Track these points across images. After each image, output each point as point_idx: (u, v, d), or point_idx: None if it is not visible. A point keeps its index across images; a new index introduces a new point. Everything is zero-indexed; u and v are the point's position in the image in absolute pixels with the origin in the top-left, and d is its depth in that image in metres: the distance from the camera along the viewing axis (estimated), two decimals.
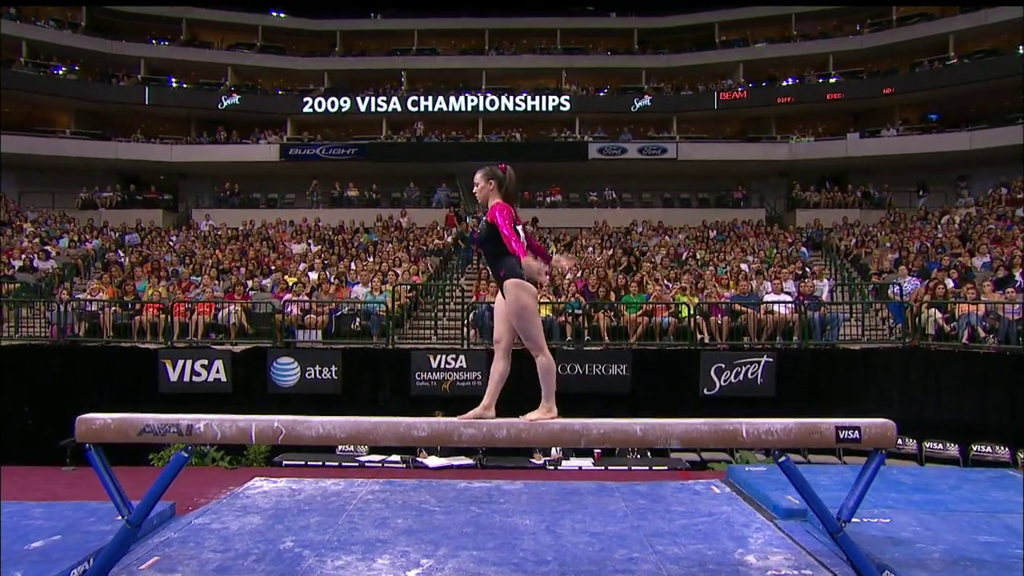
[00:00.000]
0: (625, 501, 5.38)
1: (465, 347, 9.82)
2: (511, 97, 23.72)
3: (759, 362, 9.24)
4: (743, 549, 4.31)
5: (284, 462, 7.25)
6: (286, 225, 19.42)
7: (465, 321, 10.15)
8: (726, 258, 13.71)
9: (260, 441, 3.81)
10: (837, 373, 9.42)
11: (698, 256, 14.43)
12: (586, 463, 7.20)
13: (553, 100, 23.50)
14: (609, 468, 7.10)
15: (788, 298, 10.04)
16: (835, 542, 3.74)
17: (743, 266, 12.48)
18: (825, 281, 11.48)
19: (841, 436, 3.67)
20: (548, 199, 21.71)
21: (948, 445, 8.50)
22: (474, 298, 11.10)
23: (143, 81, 24.54)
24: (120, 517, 3.76)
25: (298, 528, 4.70)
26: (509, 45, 27.14)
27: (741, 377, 9.23)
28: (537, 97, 23.64)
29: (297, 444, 3.89)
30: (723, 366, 9.28)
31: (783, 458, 3.73)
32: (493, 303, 10.48)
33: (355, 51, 27.23)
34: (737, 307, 9.87)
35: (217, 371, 9.64)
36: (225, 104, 24.27)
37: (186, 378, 9.61)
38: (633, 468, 7.12)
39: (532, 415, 3.91)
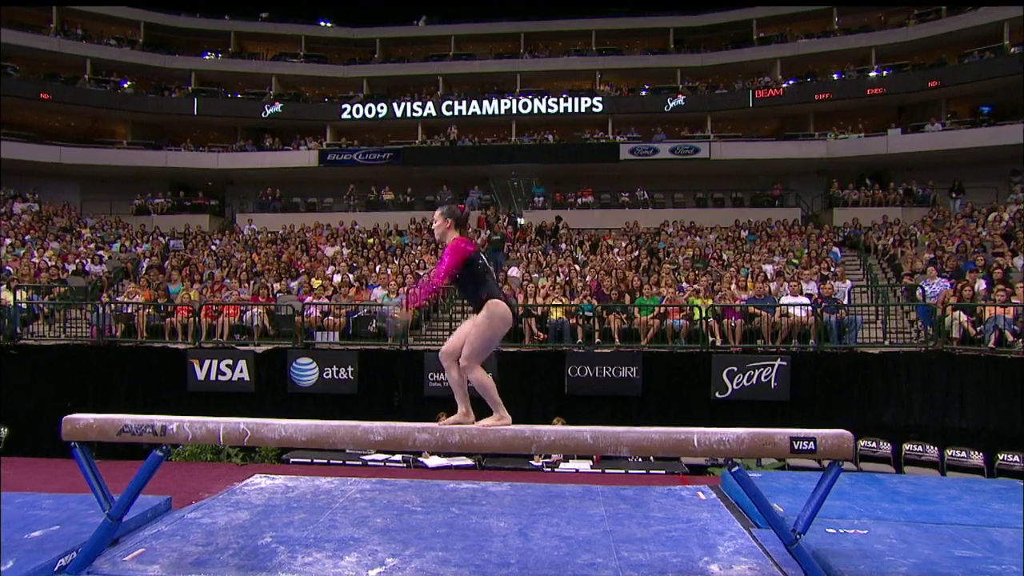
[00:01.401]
0: (606, 506, 5.38)
1: None
2: (544, 99, 23.78)
3: (773, 366, 9.05)
4: (709, 557, 4.27)
5: (291, 460, 7.53)
6: (323, 228, 20.00)
7: None
8: (751, 259, 13.42)
9: (228, 442, 4.00)
10: (854, 377, 9.12)
11: (724, 257, 14.17)
12: (584, 466, 7.21)
13: (586, 102, 23.43)
14: (607, 472, 7.10)
15: (805, 300, 9.77)
16: (789, 553, 3.68)
17: (765, 267, 12.19)
18: (847, 282, 11.11)
19: (795, 447, 3.62)
20: (579, 200, 21.66)
21: (972, 454, 8.14)
22: None
23: (193, 92, 25.69)
24: (103, 511, 4.03)
25: (281, 525, 4.89)
26: (544, 48, 27.24)
27: (754, 380, 9.06)
28: (570, 99, 23.63)
29: (262, 446, 4.06)
30: (735, 369, 9.12)
31: (735, 468, 3.70)
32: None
33: (394, 58, 27.82)
34: (752, 309, 9.67)
35: (241, 371, 10.05)
36: (268, 112, 25.19)
37: (212, 377, 10.05)
38: (630, 472, 7.10)
39: (484, 422, 4.01)
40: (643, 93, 24.49)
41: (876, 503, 5.34)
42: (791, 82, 23.15)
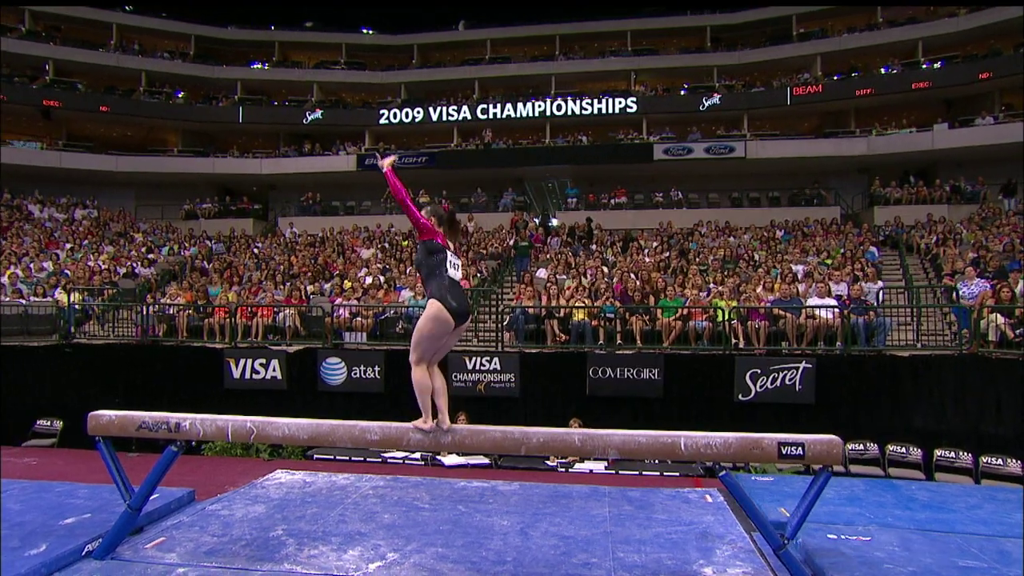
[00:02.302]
0: (611, 507, 5.43)
1: (499, 349, 10.06)
2: (578, 101, 23.79)
3: (797, 368, 8.89)
4: (704, 560, 4.28)
5: (315, 456, 7.79)
6: (360, 231, 20.48)
7: (500, 324, 10.39)
8: (783, 259, 13.17)
9: (235, 439, 4.22)
10: (883, 381, 8.88)
11: (756, 257, 13.93)
12: (599, 467, 7.24)
13: (620, 102, 23.33)
14: (620, 472, 7.11)
15: (833, 302, 9.55)
16: (778, 559, 3.68)
17: (795, 267, 11.95)
18: (878, 283, 10.78)
19: (783, 452, 3.61)
20: (612, 201, 21.58)
21: (1009, 461, 7.83)
22: (514, 302, 11.34)
23: (239, 101, 26.67)
24: (124, 501, 4.31)
25: (294, 518, 5.11)
26: (579, 50, 27.26)
27: (778, 383, 8.92)
28: (604, 100, 23.57)
29: (266, 442, 4.26)
30: (759, 371, 9.00)
31: (723, 472, 3.72)
32: (528, 307, 10.73)
33: (431, 63, 28.28)
34: (777, 311, 9.52)
35: (273, 370, 10.44)
36: (309, 119, 25.95)
37: (247, 375, 10.47)
38: (644, 473, 7.09)
39: (415, 422, 4.06)
40: (682, 92, 24.21)
41: (888, 510, 5.23)
42: (831, 78, 22.54)
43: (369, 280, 12.66)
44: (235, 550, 4.45)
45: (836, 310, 9.30)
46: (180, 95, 26.86)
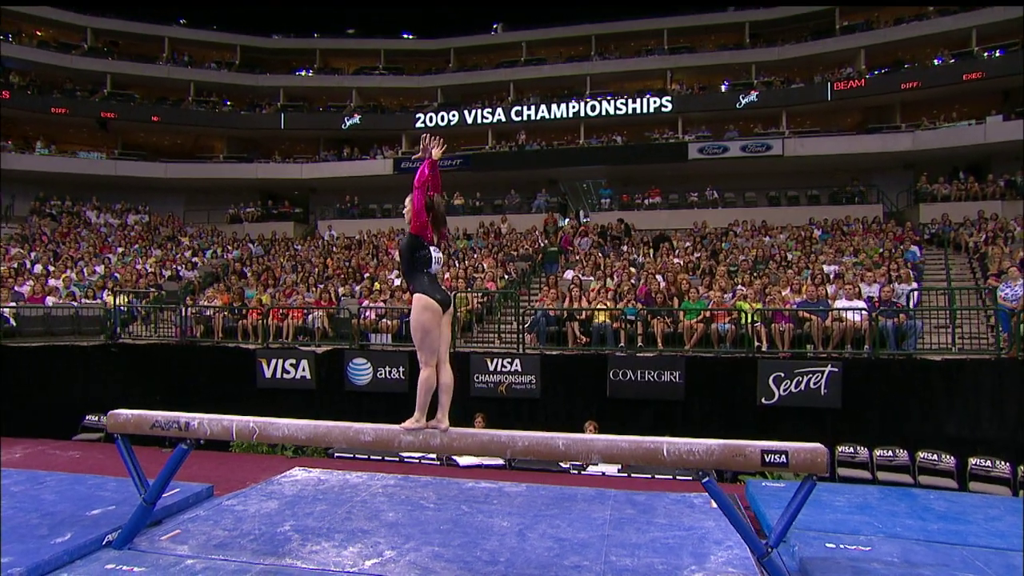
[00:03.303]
0: (613, 510, 5.44)
1: (520, 351, 10.14)
2: (612, 101, 23.66)
3: (823, 372, 8.68)
4: (697, 566, 4.26)
5: (336, 454, 8.01)
6: (397, 234, 20.83)
7: (521, 326, 10.46)
8: (817, 259, 12.83)
9: (240, 438, 4.42)
10: (914, 386, 8.58)
11: (789, 257, 13.61)
12: (611, 469, 7.23)
13: (654, 102, 23.11)
14: (633, 475, 7.09)
15: (861, 304, 9.27)
16: (761, 566, 3.65)
17: (827, 268, 11.62)
18: (912, 284, 10.39)
19: (767, 459, 3.58)
20: (646, 201, 21.39)
21: None
22: (537, 303, 11.39)
23: (281, 108, 27.50)
24: (139, 496, 4.57)
25: (303, 515, 5.30)
26: (615, 49, 27.09)
27: (802, 387, 8.72)
28: (638, 100, 23.38)
29: (267, 442, 4.45)
30: (783, 375, 8.82)
31: (706, 479, 3.71)
32: (549, 310, 10.75)
33: (467, 66, 28.56)
34: (803, 314, 9.30)
35: (303, 370, 10.76)
36: (347, 124, 26.57)
37: (278, 375, 10.83)
38: (657, 476, 7.04)
39: (406, 423, 4.21)
40: (722, 89, 23.80)
41: (899, 519, 5.09)
42: (875, 72, 21.78)
43: (397, 282, 12.90)
44: (243, 544, 4.66)
45: (864, 313, 9.03)
46: (228, 104, 27.88)
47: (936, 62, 21.43)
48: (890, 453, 8.42)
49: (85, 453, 8.27)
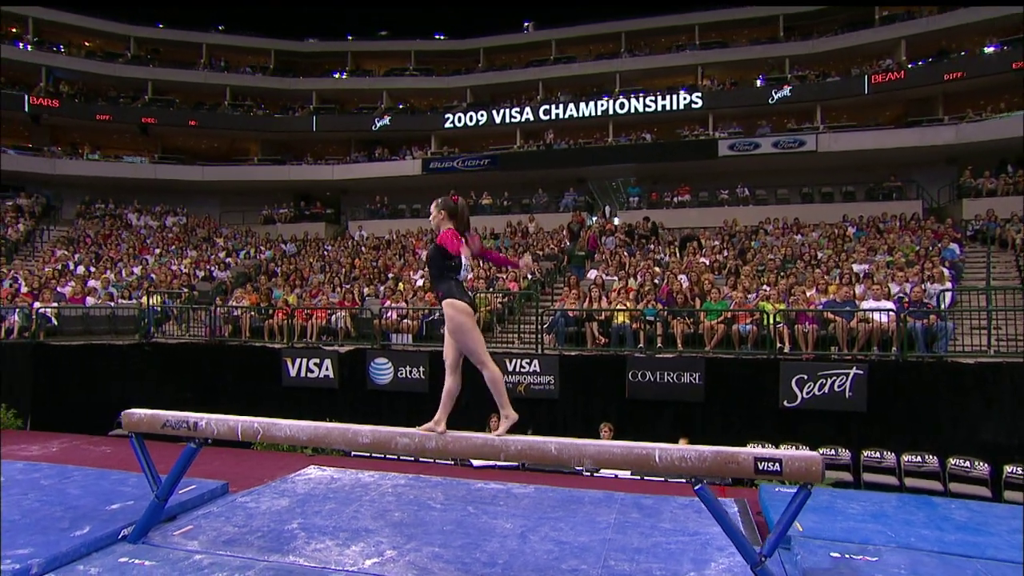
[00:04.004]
0: (618, 513, 5.40)
1: (539, 352, 10.13)
2: (641, 98, 23.42)
3: (847, 374, 8.45)
4: (696, 573, 4.20)
5: (353, 453, 8.13)
6: (425, 233, 21.02)
7: (539, 326, 10.44)
8: (849, 258, 12.47)
9: (245, 438, 4.52)
10: (944, 390, 8.28)
11: (819, 256, 13.26)
12: (624, 472, 7.17)
13: (684, 98, 22.78)
14: (645, 479, 7.01)
15: (888, 304, 8.98)
16: (754, 575, 3.58)
17: (856, 267, 11.28)
18: (945, 284, 10.00)
19: (760, 467, 3.49)
20: (675, 199, 21.11)
21: None
22: (556, 304, 11.36)
23: (313, 111, 28.00)
24: (152, 492, 4.73)
25: (311, 513, 5.39)
26: (645, 46, 26.81)
27: (826, 390, 8.51)
28: (668, 96, 23.09)
29: (271, 442, 4.54)
30: (806, 377, 8.62)
31: (698, 486, 3.66)
32: (568, 310, 10.71)
33: (497, 65, 28.64)
34: (828, 315, 9.06)
35: (326, 369, 10.95)
36: (378, 125, 26.91)
37: (302, 374, 11.05)
38: (669, 480, 6.94)
39: (496, 424, 4.23)
40: (759, 84, 23.29)
41: (915, 529, 4.93)
42: (916, 64, 21.02)
43: (420, 283, 13.03)
44: (250, 540, 4.77)
45: (892, 314, 8.74)
46: (263, 109, 28.54)
47: (983, 50, 20.53)
48: (919, 458, 8.16)
49: (115, 449, 8.57)
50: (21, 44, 26.63)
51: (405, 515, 5.34)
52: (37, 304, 12.17)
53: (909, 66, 21.07)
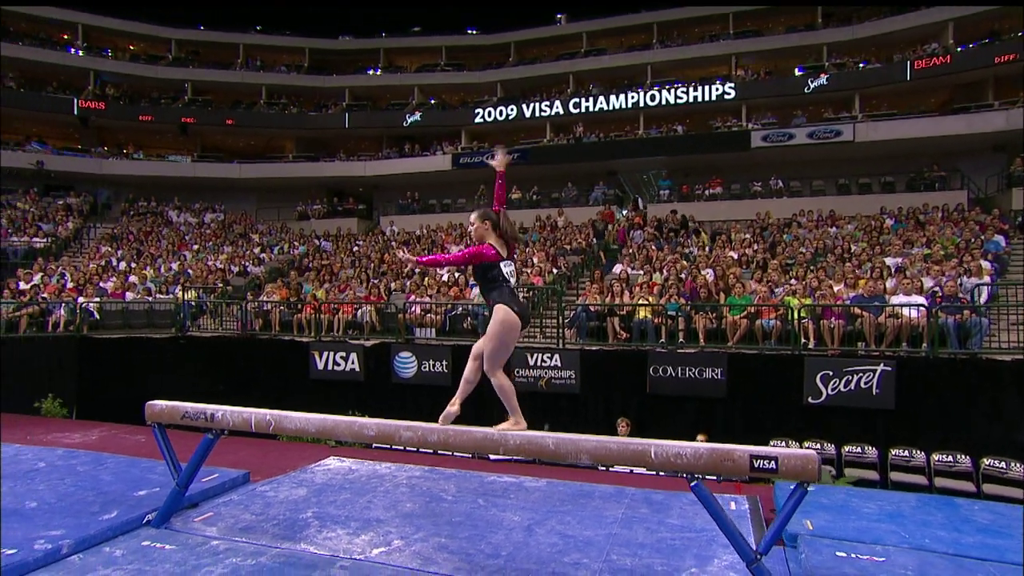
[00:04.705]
0: (627, 508, 5.40)
1: (560, 346, 10.14)
2: (672, 90, 23.08)
3: (875, 371, 8.24)
4: (697, 569, 4.20)
5: (374, 445, 8.29)
6: (454, 228, 21.19)
7: (560, 321, 10.45)
8: (884, 251, 12.11)
9: (258, 429, 4.67)
10: (979, 388, 8.01)
11: (853, 249, 12.90)
12: (640, 468, 7.15)
13: (716, 89, 22.37)
14: (660, 474, 6.98)
15: (920, 299, 8.69)
16: (749, 572, 3.56)
17: (888, 261, 10.94)
18: (984, 278, 9.61)
19: (756, 465, 3.47)
20: (707, 192, 20.77)
21: None
22: (578, 299, 11.34)
23: (346, 108, 28.42)
24: (173, 480, 4.93)
25: (326, 503, 5.55)
26: (678, 37, 26.40)
27: (852, 386, 8.32)
28: (699, 88, 22.70)
29: (282, 433, 4.68)
30: (831, 373, 8.44)
31: (694, 483, 3.65)
32: (592, 305, 10.71)
33: (527, 59, 28.59)
34: (855, 310, 8.83)
35: (352, 362, 11.18)
36: (409, 121, 27.16)
37: (329, 367, 11.30)
38: (683, 476, 6.90)
39: (502, 426, 4.20)
40: (797, 73, 22.68)
41: (931, 530, 4.81)
42: (966, 47, 20.15)
43: (445, 277, 13.15)
44: (265, 528, 4.94)
45: (923, 309, 8.47)
46: (296, 106, 29.12)
47: None
48: (950, 458, 7.92)
49: (149, 438, 8.82)
50: (72, 49, 27.74)
51: (416, 506, 5.44)
52: (81, 299, 12.71)
53: (958, 49, 20.22)
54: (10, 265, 16.20)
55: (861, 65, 21.61)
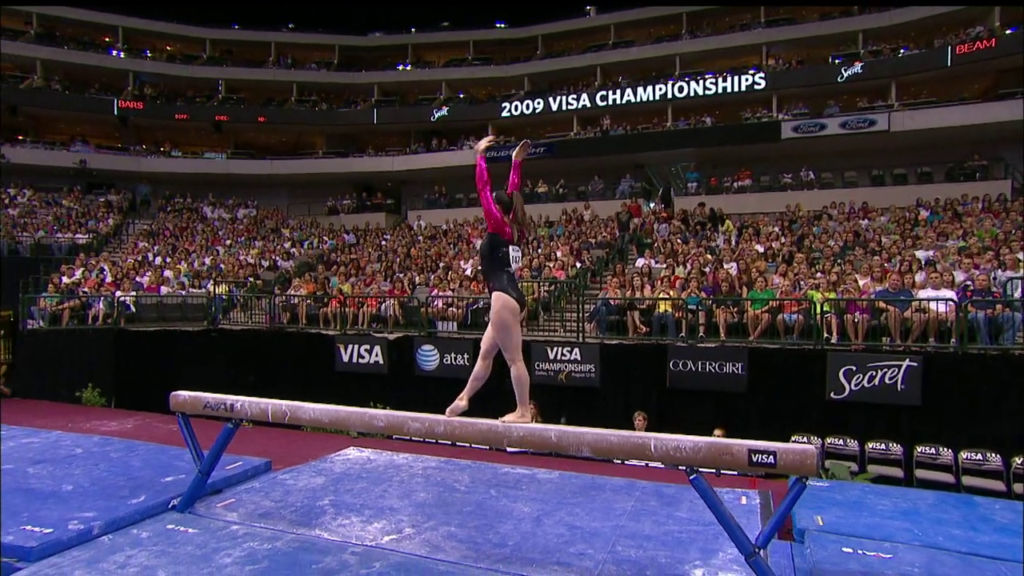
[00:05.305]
0: (637, 501, 5.44)
1: (581, 340, 10.16)
2: (700, 81, 22.75)
3: (900, 366, 8.07)
4: (700, 562, 4.22)
5: (394, 436, 8.46)
6: (482, 222, 21.30)
7: (581, 315, 10.46)
8: (916, 243, 11.80)
9: (275, 419, 4.83)
10: (1009, 384, 7.78)
11: (884, 242, 12.60)
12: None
13: (746, 79, 21.98)
14: (677, 468, 6.97)
15: (948, 294, 8.46)
16: (748, 565, 3.57)
17: (919, 254, 10.65)
18: (1019, 271, 9.28)
19: (754, 459, 3.48)
20: (735, 184, 20.45)
21: None
22: (600, 293, 11.33)
23: (375, 104, 28.73)
24: (195, 467, 5.14)
25: (343, 491, 5.70)
26: (707, 27, 25.99)
27: (876, 382, 8.17)
28: (729, 78, 22.32)
29: (298, 423, 4.82)
30: (854, 368, 8.30)
31: (693, 476, 3.67)
32: (613, 299, 10.69)
33: (555, 52, 28.48)
34: (880, 304, 8.65)
35: (376, 355, 11.38)
36: (436, 116, 27.32)
37: (354, 359, 11.53)
38: (700, 470, 6.87)
39: (508, 417, 4.27)
40: (830, 62, 22.12)
41: (945, 528, 4.73)
42: (1016, 29, 19.30)
43: (468, 271, 13.26)
44: (283, 514, 5.11)
45: (951, 303, 8.26)
46: (326, 103, 29.55)
47: None
48: (979, 456, 7.73)
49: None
50: (113, 51, 28.65)
51: (429, 496, 5.56)
52: (118, 293, 13.19)
53: (1007, 32, 19.42)
54: (55, 261, 16.87)
55: (901, 52, 20.95)
